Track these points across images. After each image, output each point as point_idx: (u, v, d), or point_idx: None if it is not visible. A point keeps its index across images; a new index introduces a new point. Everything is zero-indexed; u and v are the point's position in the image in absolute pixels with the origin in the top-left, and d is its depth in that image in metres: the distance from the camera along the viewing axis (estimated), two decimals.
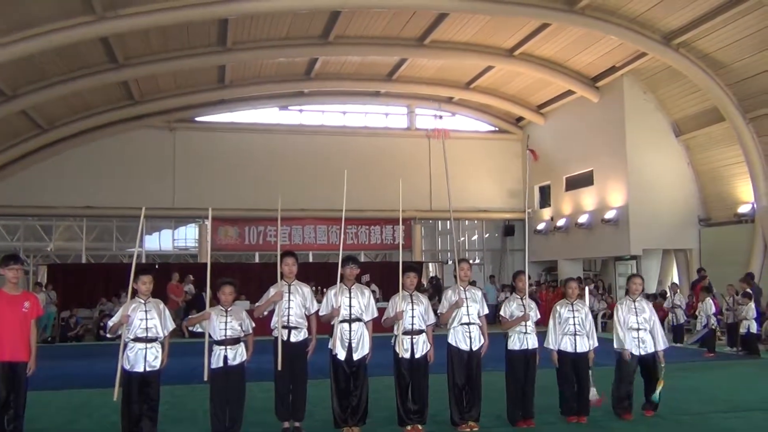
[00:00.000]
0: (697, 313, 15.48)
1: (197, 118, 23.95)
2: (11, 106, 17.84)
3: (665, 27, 17.36)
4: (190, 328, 7.24)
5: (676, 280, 20.61)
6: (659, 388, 7.62)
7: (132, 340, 6.45)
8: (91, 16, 14.36)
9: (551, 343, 7.56)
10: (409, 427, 6.89)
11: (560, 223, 23.53)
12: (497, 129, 26.58)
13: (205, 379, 6.44)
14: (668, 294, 17.31)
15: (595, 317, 8.25)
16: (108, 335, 6.60)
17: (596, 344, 7.63)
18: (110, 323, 6.66)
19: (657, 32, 17.58)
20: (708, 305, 14.75)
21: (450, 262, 27.10)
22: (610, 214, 20.73)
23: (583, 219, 22.15)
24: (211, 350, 6.56)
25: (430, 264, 26.24)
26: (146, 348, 6.42)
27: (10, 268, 6.22)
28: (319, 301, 7.11)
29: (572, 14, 16.83)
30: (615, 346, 7.77)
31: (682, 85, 19.41)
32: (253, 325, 6.85)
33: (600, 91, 21.42)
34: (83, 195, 22.19)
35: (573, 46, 19.55)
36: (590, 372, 7.52)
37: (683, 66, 18.05)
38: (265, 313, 6.96)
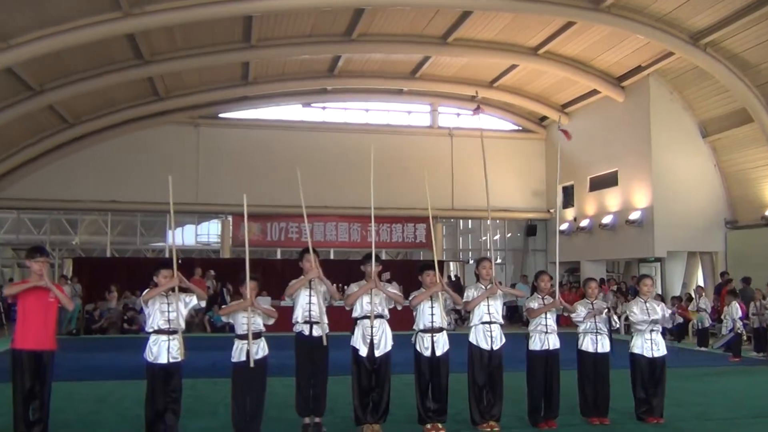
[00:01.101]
0: (722, 317, 15.26)
1: (221, 115, 24.11)
2: (38, 102, 18.10)
3: (692, 26, 17.12)
4: (224, 319, 7.26)
5: (701, 282, 20.33)
6: None
7: (154, 332, 6.50)
8: (118, 13, 14.52)
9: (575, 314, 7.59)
10: (429, 426, 6.87)
11: (583, 223, 23.33)
12: (521, 128, 26.43)
13: (251, 365, 6.39)
14: (693, 297, 17.10)
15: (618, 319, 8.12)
16: (141, 298, 6.58)
17: None
18: (146, 292, 6.56)
19: (684, 31, 17.34)
20: (734, 309, 14.54)
21: (471, 261, 27.04)
22: (634, 215, 20.50)
23: (606, 220, 21.94)
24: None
25: (450, 263, 26.18)
26: (168, 340, 6.45)
27: (36, 260, 6.29)
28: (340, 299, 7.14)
29: (598, 12, 16.66)
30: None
31: (710, 85, 19.13)
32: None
33: (625, 91, 21.19)
34: (108, 190, 22.45)
35: (598, 45, 19.36)
36: None
37: (711, 66, 17.79)
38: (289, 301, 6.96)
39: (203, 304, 6.96)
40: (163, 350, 6.41)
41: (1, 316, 17.55)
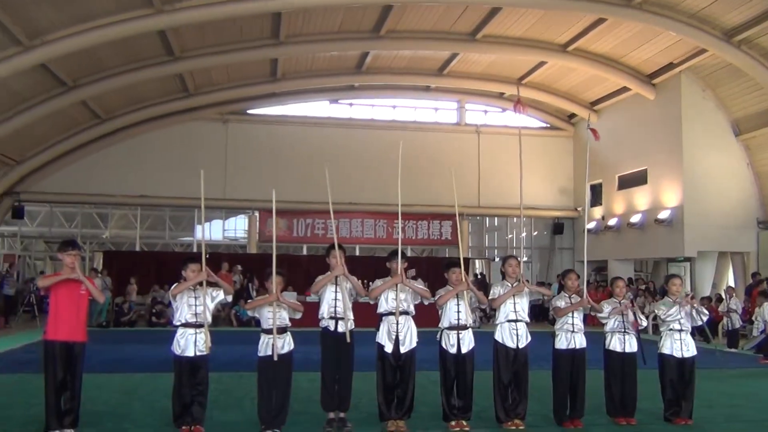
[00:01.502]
0: (754, 318, 15.00)
1: (249, 111, 24.30)
2: (71, 97, 18.41)
3: (726, 23, 16.82)
4: (249, 313, 7.33)
5: (732, 283, 20.00)
6: None
7: (181, 325, 6.59)
8: (150, 10, 14.70)
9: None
10: (453, 423, 6.87)
11: (611, 222, 23.09)
12: (549, 125, 26.21)
13: (275, 359, 6.47)
14: (723, 298, 16.83)
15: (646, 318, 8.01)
16: (170, 293, 6.68)
17: None
18: (175, 286, 6.64)
19: (717, 28, 17.05)
20: (765, 310, 14.31)
21: (497, 259, 26.91)
22: (663, 214, 20.23)
23: (635, 219, 21.68)
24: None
25: (476, 260, 26.08)
26: (195, 333, 6.54)
27: (68, 253, 6.42)
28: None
29: (630, 9, 16.46)
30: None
31: (743, 83, 18.79)
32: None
33: (656, 89, 20.90)
34: (138, 184, 22.78)
35: (629, 41, 19.11)
36: None
37: (745, 63, 17.48)
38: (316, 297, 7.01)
39: (230, 298, 7.04)
40: (190, 343, 6.51)
41: (34, 308, 17.94)
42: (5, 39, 14.20)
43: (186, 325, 6.57)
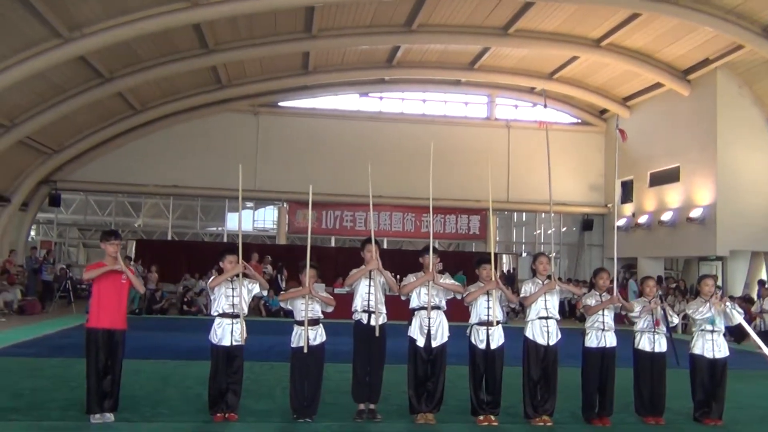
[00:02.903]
0: None
1: (280, 103, 24.52)
2: (108, 88, 18.77)
3: (764, 18, 16.55)
4: (281, 304, 7.48)
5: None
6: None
7: (219, 315, 6.75)
8: (185, 3, 14.92)
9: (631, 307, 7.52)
10: (481, 417, 6.94)
11: (642, 219, 22.86)
12: (580, 121, 26.00)
13: (305, 350, 6.64)
14: (757, 298, 16.60)
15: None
16: (208, 285, 6.87)
17: None
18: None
19: (755, 24, 16.78)
20: None
21: (525, 254, 26.83)
22: (696, 213, 19.98)
23: (666, 216, 21.44)
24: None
25: (504, 256, 26.03)
26: (232, 323, 6.71)
27: (111, 243, 6.61)
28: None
29: (665, 4, 16.27)
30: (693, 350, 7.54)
31: None
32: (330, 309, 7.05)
33: (691, 85, 20.61)
34: (170, 174, 23.15)
35: (664, 37, 18.87)
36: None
37: None
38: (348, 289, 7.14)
39: (265, 292, 7.21)
40: (227, 333, 6.67)
41: (69, 294, 18.36)
42: (46, 32, 14.54)
43: (223, 315, 6.73)
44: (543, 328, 7.11)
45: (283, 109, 24.59)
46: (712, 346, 7.42)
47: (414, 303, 7.04)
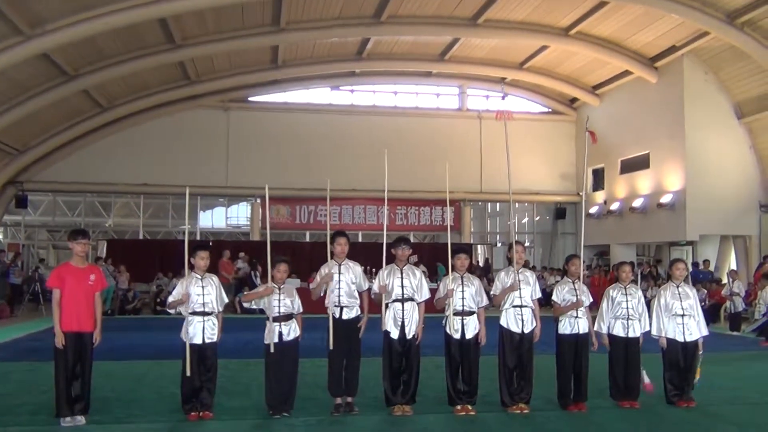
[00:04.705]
0: (756, 301, 15.05)
1: (251, 98, 24.28)
2: (73, 86, 18.38)
3: (729, 5, 16.74)
4: (245, 304, 7.43)
5: (734, 266, 20.04)
6: (698, 378, 7.48)
7: (190, 314, 6.65)
8: None
9: (602, 327, 7.49)
10: (459, 407, 6.95)
11: (614, 206, 23.11)
12: (550, 110, 26.16)
13: (271, 350, 6.62)
14: (727, 281, 16.88)
15: (648, 303, 8.04)
16: (168, 310, 6.80)
17: (706, 332, 7.57)
18: (170, 299, 6.82)
19: (720, 10, 16.98)
20: None
21: (499, 245, 26.98)
22: (666, 198, 20.25)
23: (637, 203, 21.70)
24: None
25: (479, 246, 26.13)
26: (204, 321, 6.63)
27: (79, 242, 6.49)
28: (370, 281, 7.21)
29: None
30: (653, 332, 7.60)
31: (746, 65, 18.72)
32: (301, 309, 6.99)
33: (658, 72, 20.84)
34: (140, 173, 22.81)
35: (631, 25, 19.03)
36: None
37: (747, 46, 17.41)
38: (321, 293, 7.06)
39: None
40: (198, 331, 6.59)
41: (39, 297, 18.04)
42: (6, 28, 14.16)
43: (195, 313, 6.64)
44: (517, 316, 7.14)
45: (254, 104, 24.36)
46: (683, 329, 7.51)
47: (387, 296, 7.01)
